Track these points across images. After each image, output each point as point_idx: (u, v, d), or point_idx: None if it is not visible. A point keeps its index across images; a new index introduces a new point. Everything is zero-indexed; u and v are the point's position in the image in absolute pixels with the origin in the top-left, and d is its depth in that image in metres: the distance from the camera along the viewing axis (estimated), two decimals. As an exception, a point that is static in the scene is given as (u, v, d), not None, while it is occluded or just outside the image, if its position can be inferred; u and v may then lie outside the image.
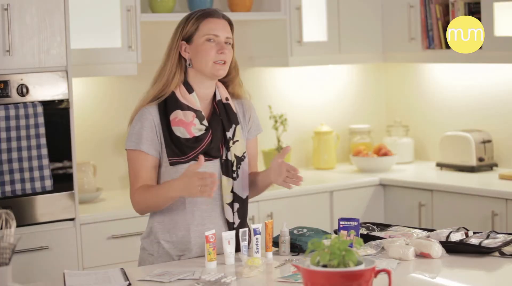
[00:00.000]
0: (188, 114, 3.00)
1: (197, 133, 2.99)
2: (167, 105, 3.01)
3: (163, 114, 3.00)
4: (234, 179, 3.04)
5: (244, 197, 3.08)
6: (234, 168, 3.04)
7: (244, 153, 3.08)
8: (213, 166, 3.02)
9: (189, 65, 3.04)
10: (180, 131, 2.98)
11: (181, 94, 3.02)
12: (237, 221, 3.05)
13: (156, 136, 2.99)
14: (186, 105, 3.01)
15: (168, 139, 2.98)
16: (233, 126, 3.06)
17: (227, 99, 3.09)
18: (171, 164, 2.98)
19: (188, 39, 3.04)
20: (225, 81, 3.13)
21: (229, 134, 3.05)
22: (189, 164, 2.92)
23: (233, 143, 3.05)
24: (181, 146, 2.97)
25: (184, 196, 2.94)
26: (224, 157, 3.03)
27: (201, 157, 2.87)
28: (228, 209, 3.03)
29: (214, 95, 3.09)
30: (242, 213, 3.07)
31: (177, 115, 2.99)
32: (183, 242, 3.02)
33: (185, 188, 2.86)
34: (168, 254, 3.03)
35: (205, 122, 3.02)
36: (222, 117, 3.05)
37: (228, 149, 3.04)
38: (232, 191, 3.04)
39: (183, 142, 2.97)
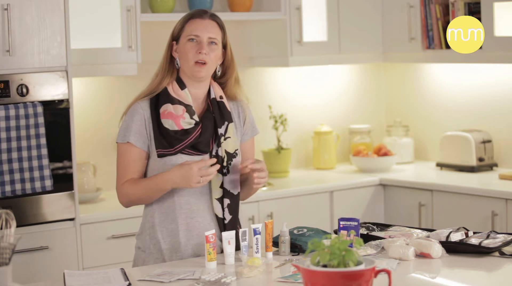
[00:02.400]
0: (178, 108, 3.04)
1: (186, 126, 3.03)
2: (159, 99, 3.06)
3: (153, 108, 3.05)
4: (224, 174, 3.07)
5: (235, 193, 3.09)
6: (225, 164, 3.06)
7: (237, 150, 3.10)
8: None
9: (177, 65, 3.09)
10: (169, 123, 3.02)
11: (173, 90, 3.07)
12: (228, 216, 3.06)
13: (145, 129, 3.04)
14: (177, 99, 3.05)
15: (157, 131, 3.02)
16: (226, 123, 3.09)
17: (221, 97, 3.12)
18: (159, 156, 3.02)
19: (177, 40, 3.09)
20: (222, 82, 3.15)
21: (221, 130, 3.07)
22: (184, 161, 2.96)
23: (225, 139, 3.07)
24: (169, 138, 3.01)
25: (181, 187, 2.97)
26: (214, 153, 3.05)
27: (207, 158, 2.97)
28: (217, 204, 3.05)
29: (209, 93, 3.12)
30: (234, 209, 3.08)
31: (166, 108, 3.04)
32: (172, 235, 3.04)
33: (183, 179, 2.92)
34: (159, 249, 3.05)
35: (196, 117, 3.05)
36: (215, 114, 3.08)
37: (219, 145, 3.06)
38: (222, 186, 3.06)
39: (171, 134, 3.01)
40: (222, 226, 3.05)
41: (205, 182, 2.95)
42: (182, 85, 3.08)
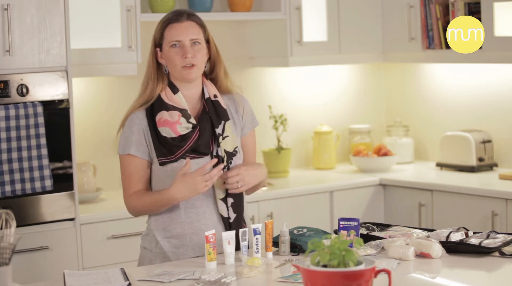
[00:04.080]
0: (174, 114, 3.04)
1: (183, 132, 3.02)
2: (154, 108, 3.06)
3: (150, 117, 3.05)
4: None
5: (238, 192, 3.09)
6: (225, 163, 3.07)
7: (236, 148, 3.11)
8: (204, 163, 3.04)
9: (165, 71, 3.10)
10: (166, 131, 3.02)
11: (167, 96, 3.08)
12: (232, 215, 3.07)
13: (145, 139, 3.05)
14: (171, 105, 3.06)
15: (156, 140, 3.03)
16: (222, 122, 3.08)
17: (215, 96, 3.12)
18: (161, 164, 3.03)
19: (160, 47, 3.09)
20: (213, 78, 3.16)
21: (218, 130, 3.07)
22: (178, 171, 2.95)
23: (223, 139, 3.07)
24: (168, 145, 3.01)
25: (190, 197, 2.97)
26: (214, 153, 3.06)
27: (188, 160, 2.94)
28: (221, 204, 3.06)
29: (203, 93, 3.11)
30: (238, 207, 3.09)
31: (162, 116, 3.04)
32: (179, 238, 3.05)
33: (190, 190, 2.92)
34: (164, 252, 3.05)
35: (192, 120, 3.05)
36: (211, 114, 3.08)
37: (218, 145, 3.06)
38: None
39: (170, 142, 3.01)
40: (228, 225, 3.05)
41: (211, 184, 2.96)
42: (174, 89, 3.08)
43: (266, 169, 3.21)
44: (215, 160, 2.99)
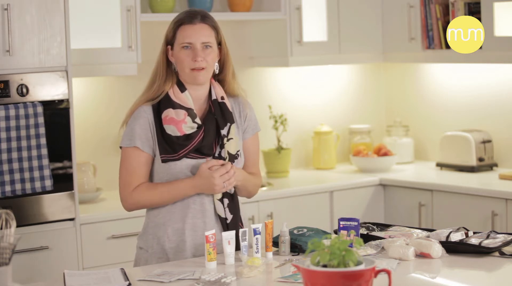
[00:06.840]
0: (180, 113, 3.04)
1: (188, 131, 3.02)
2: (161, 105, 3.06)
3: (156, 113, 3.05)
4: None
5: (231, 192, 3.10)
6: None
7: (238, 151, 3.11)
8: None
9: (174, 69, 3.10)
10: (171, 129, 3.02)
11: (174, 94, 3.07)
12: (229, 216, 3.07)
13: (151, 133, 3.05)
14: (178, 103, 3.05)
15: (161, 137, 3.03)
16: (228, 124, 3.09)
17: (222, 98, 3.12)
18: (163, 161, 3.03)
19: (171, 45, 3.08)
20: (221, 80, 3.15)
21: (223, 132, 3.08)
22: (202, 165, 2.99)
23: (228, 140, 3.07)
24: (172, 144, 3.01)
25: (205, 192, 3.02)
26: (217, 155, 3.06)
27: (209, 158, 2.99)
28: (219, 204, 3.06)
29: (210, 94, 3.12)
30: (233, 208, 3.09)
31: (168, 114, 3.04)
32: (178, 234, 3.05)
33: (206, 188, 2.98)
34: (162, 248, 3.05)
35: (198, 120, 3.05)
36: (217, 116, 3.08)
37: (222, 146, 3.06)
38: None
39: (174, 140, 3.01)
40: (225, 225, 3.05)
41: (230, 186, 3.01)
42: (182, 88, 3.08)
43: (257, 179, 3.23)
44: (230, 164, 3.00)
